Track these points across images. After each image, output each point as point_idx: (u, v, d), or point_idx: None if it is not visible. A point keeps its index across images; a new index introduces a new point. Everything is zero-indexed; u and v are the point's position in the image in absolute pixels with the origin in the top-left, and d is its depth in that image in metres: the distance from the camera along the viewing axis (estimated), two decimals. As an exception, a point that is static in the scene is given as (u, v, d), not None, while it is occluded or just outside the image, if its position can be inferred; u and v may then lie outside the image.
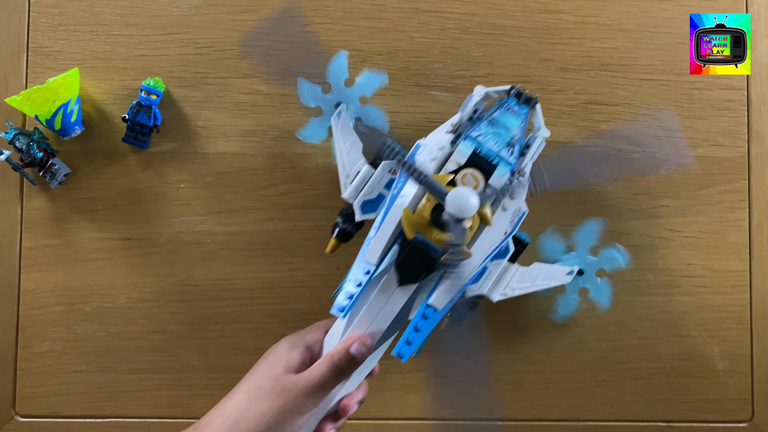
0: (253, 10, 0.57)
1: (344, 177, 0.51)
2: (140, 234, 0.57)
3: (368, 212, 0.50)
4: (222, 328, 0.57)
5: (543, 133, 0.49)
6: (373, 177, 0.50)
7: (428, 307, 0.46)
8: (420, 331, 0.46)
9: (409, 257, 0.45)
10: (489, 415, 0.57)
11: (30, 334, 0.57)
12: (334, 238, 0.52)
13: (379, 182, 0.50)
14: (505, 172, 0.46)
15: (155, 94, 0.55)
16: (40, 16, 0.57)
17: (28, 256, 0.57)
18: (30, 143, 0.54)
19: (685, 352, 0.58)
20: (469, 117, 0.49)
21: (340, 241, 0.52)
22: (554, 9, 0.58)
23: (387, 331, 0.47)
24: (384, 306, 0.47)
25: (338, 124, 0.51)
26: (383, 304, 0.47)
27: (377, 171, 0.50)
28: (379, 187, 0.50)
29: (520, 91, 0.49)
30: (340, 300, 0.47)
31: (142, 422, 0.57)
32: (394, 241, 0.46)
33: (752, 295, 0.58)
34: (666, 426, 0.58)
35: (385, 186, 0.50)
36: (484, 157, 0.46)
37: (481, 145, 0.47)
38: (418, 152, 0.48)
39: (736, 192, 0.58)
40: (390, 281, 0.46)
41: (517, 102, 0.49)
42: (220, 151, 0.57)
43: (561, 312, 0.54)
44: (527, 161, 0.48)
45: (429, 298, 0.46)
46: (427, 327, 0.46)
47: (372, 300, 0.47)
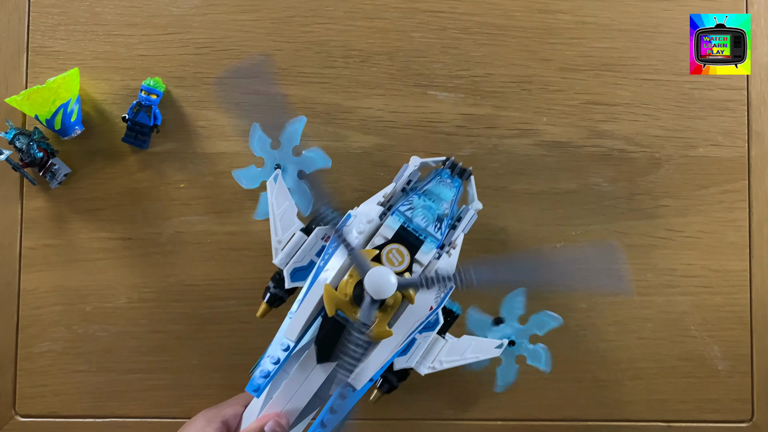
0: (253, 10, 0.57)
1: (276, 242, 0.50)
2: (140, 234, 0.57)
3: (298, 280, 0.49)
4: (222, 328, 0.57)
5: (476, 205, 0.49)
6: (305, 244, 0.49)
7: (347, 386, 0.44)
8: (337, 412, 0.45)
9: (329, 334, 0.44)
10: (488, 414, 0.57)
11: (30, 334, 0.57)
12: (265, 303, 0.51)
13: (311, 249, 0.49)
14: (432, 248, 0.46)
15: (155, 94, 0.55)
16: (40, 16, 0.57)
17: (28, 256, 0.57)
18: (30, 143, 0.54)
19: (685, 352, 0.58)
20: (402, 188, 0.49)
21: (271, 306, 0.51)
22: (554, 9, 0.58)
23: (305, 408, 0.46)
24: (303, 383, 0.45)
25: (274, 189, 0.51)
26: (302, 381, 0.45)
27: (310, 238, 0.49)
28: (311, 254, 0.49)
29: (455, 163, 0.49)
30: (255, 378, 0.45)
31: (142, 422, 0.57)
32: (316, 317, 0.45)
33: (752, 295, 0.58)
34: (666, 426, 0.58)
35: (316, 253, 0.49)
36: (412, 232, 0.46)
37: (409, 220, 0.46)
38: (348, 222, 0.47)
39: (736, 192, 0.58)
40: (310, 358, 0.45)
41: (450, 174, 0.49)
42: (220, 151, 0.57)
43: (500, 382, 0.54)
44: (458, 233, 0.48)
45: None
46: (344, 407, 0.45)
47: (291, 376, 0.45)
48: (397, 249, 0.45)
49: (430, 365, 0.49)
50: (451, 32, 0.57)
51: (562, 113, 0.57)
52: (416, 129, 0.57)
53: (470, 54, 0.57)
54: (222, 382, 0.58)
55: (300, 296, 0.45)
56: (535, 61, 0.57)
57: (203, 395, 0.57)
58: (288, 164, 0.53)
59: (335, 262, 0.45)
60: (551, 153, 0.57)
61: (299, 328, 0.44)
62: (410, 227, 0.46)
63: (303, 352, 0.45)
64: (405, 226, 0.46)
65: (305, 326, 0.45)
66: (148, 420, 0.57)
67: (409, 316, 0.45)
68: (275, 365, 0.44)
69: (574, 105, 0.57)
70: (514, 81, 0.57)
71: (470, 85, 0.57)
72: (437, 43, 0.57)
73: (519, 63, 0.58)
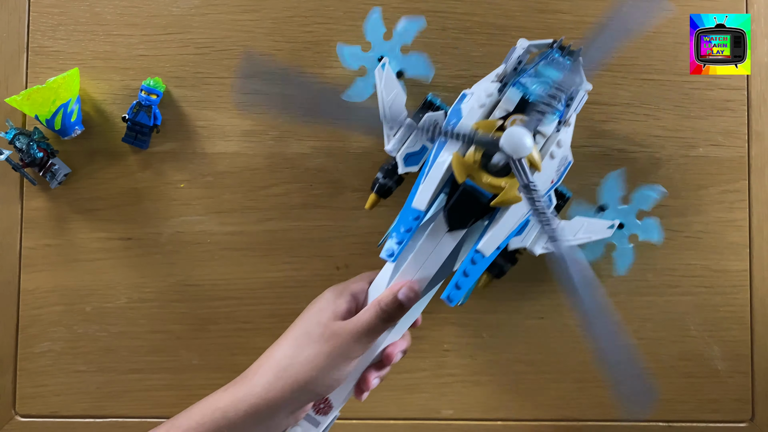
0: (253, 10, 0.57)
1: (387, 129, 0.51)
2: (140, 234, 0.57)
3: (411, 164, 0.50)
4: (222, 328, 0.57)
5: (585, 86, 0.49)
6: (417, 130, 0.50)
7: (477, 253, 0.46)
8: (469, 276, 0.46)
9: (458, 202, 0.45)
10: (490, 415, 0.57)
11: (30, 334, 0.57)
12: (374, 193, 0.53)
13: (422, 135, 0.50)
14: (554, 120, 0.46)
15: (155, 94, 0.55)
16: (40, 16, 0.57)
17: (28, 256, 0.57)
18: (30, 143, 0.54)
19: (685, 352, 0.58)
20: (514, 68, 0.49)
21: (380, 196, 0.53)
22: (554, 9, 0.58)
23: (434, 278, 0.47)
24: (432, 252, 0.46)
25: (382, 77, 0.51)
26: (431, 250, 0.46)
27: (421, 123, 0.50)
28: (423, 139, 0.50)
29: (563, 44, 0.49)
30: (390, 245, 0.46)
31: (142, 422, 0.57)
32: (443, 188, 0.46)
33: (752, 295, 0.58)
34: (666, 426, 0.58)
35: (428, 139, 0.50)
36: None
37: (529, 91, 0.46)
38: (464, 101, 0.47)
39: (736, 192, 0.58)
40: (438, 227, 0.46)
41: (561, 54, 0.48)
42: (220, 151, 0.57)
43: (621, 266, 0.55)
44: (571, 112, 0.48)
45: (477, 244, 0.46)
46: (475, 272, 0.46)
47: (420, 246, 0.46)
48: (521, 119, 0.45)
49: (544, 245, 0.50)
50: (451, 32, 0.57)
51: (562, 113, 0.57)
52: (416, 129, 0.57)
53: (470, 54, 0.57)
54: (222, 382, 0.57)
55: (425, 168, 0.46)
56: (535, 61, 0.57)
57: (203, 395, 0.57)
58: (392, 59, 0.54)
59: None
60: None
61: (428, 197, 0.45)
62: (530, 99, 0.46)
63: (430, 223, 0.46)
64: (525, 97, 0.46)
65: (433, 196, 0.46)
66: (148, 420, 0.57)
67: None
68: (407, 233, 0.46)
69: (574, 105, 0.57)
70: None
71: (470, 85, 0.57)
72: (437, 43, 0.57)
73: (519, 63, 0.57)
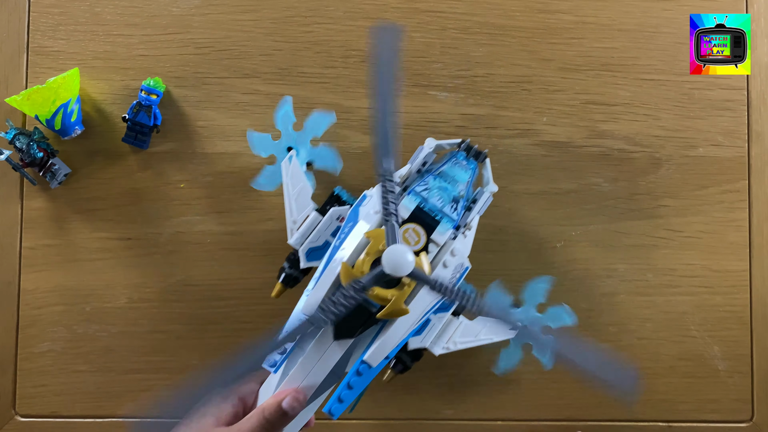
0: (253, 10, 0.57)
1: (291, 223, 0.50)
2: (140, 234, 0.57)
3: (313, 259, 0.49)
4: (222, 328, 0.57)
5: (491, 187, 0.50)
6: (320, 224, 0.49)
7: (363, 364, 0.45)
8: (353, 388, 0.45)
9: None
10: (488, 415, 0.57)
11: (30, 334, 0.57)
12: (280, 283, 0.52)
13: (326, 229, 0.49)
14: (448, 228, 0.46)
15: (155, 94, 0.55)
16: (40, 16, 0.57)
17: (28, 256, 0.57)
18: (30, 143, 0.54)
19: (685, 352, 0.58)
20: (418, 169, 0.49)
21: (286, 286, 0.52)
22: (554, 9, 0.58)
23: (322, 384, 0.46)
24: (319, 360, 0.46)
25: (288, 170, 0.51)
26: (318, 358, 0.46)
27: (325, 218, 0.49)
28: (326, 234, 0.50)
29: (470, 145, 0.49)
30: (273, 355, 0.46)
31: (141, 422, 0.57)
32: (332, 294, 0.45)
33: (752, 295, 0.58)
34: (666, 426, 0.58)
35: (331, 234, 0.49)
36: (428, 212, 0.47)
37: (425, 201, 0.47)
38: (363, 203, 0.47)
39: (736, 192, 0.58)
40: (326, 335, 0.45)
41: (466, 156, 0.49)
42: (220, 151, 0.57)
43: (502, 365, 0.53)
44: (473, 215, 0.48)
45: (364, 354, 0.45)
46: (360, 384, 0.45)
47: (307, 353, 0.46)
48: (413, 228, 0.46)
49: (445, 345, 0.49)
50: (451, 32, 0.57)
51: (562, 113, 0.57)
52: (416, 129, 0.57)
53: (470, 54, 0.57)
54: (222, 382, 0.58)
55: (316, 274, 0.46)
56: (535, 61, 0.57)
57: (203, 395, 0.57)
58: (301, 149, 0.53)
59: (351, 242, 0.45)
60: (551, 153, 0.57)
61: (316, 305, 0.45)
62: (426, 207, 0.47)
63: (319, 330, 0.46)
64: (421, 206, 0.47)
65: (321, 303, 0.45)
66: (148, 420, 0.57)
67: (424, 296, 0.45)
68: (292, 342, 0.45)
69: (574, 105, 0.57)
70: (514, 81, 0.57)
71: (470, 85, 0.57)
72: (437, 43, 0.57)
73: (519, 63, 0.58)
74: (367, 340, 0.46)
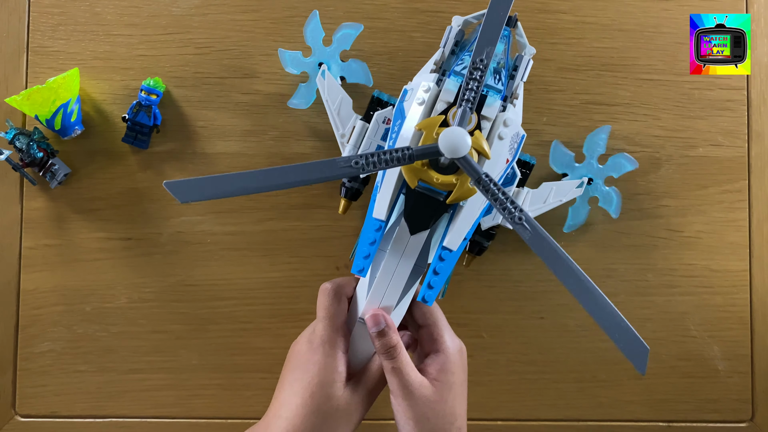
0: (253, 10, 0.57)
1: (340, 137, 0.51)
2: (140, 234, 0.57)
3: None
4: (222, 328, 0.57)
5: (529, 50, 0.49)
6: (368, 131, 0.50)
7: (444, 249, 0.46)
8: (440, 273, 0.46)
9: (415, 206, 0.45)
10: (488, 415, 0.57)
11: (30, 334, 0.57)
12: (344, 198, 0.53)
13: (375, 135, 0.50)
14: (496, 100, 0.45)
15: (155, 94, 0.55)
16: (40, 16, 0.57)
17: (28, 256, 0.57)
18: (30, 143, 0.54)
19: (685, 352, 0.58)
20: (451, 50, 0.49)
21: (350, 200, 0.53)
22: (554, 9, 0.58)
23: (408, 282, 0.47)
24: (401, 258, 0.47)
25: (324, 85, 0.52)
26: (400, 257, 0.47)
27: (371, 124, 0.50)
28: (376, 139, 0.50)
29: None
30: (358, 261, 0.47)
31: (142, 422, 0.57)
32: (399, 192, 0.46)
33: (752, 295, 0.58)
34: (666, 426, 0.58)
35: (381, 137, 0.50)
36: None
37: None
38: (405, 98, 0.47)
39: (736, 192, 0.58)
40: (402, 233, 0.46)
41: None
42: (220, 151, 0.57)
43: (570, 221, 0.55)
44: (518, 82, 0.48)
45: (443, 241, 0.46)
46: (445, 269, 0.46)
47: (388, 255, 0.47)
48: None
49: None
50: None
51: (562, 113, 0.57)
52: (416, 129, 0.57)
53: (470, 54, 0.57)
54: (222, 382, 0.58)
55: (378, 178, 0.46)
56: (535, 61, 0.57)
57: (203, 395, 0.57)
58: (332, 65, 0.54)
59: (403, 138, 0.45)
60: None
61: (386, 206, 0.46)
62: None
63: (395, 229, 0.47)
64: None
65: (391, 203, 0.46)
66: (148, 420, 0.57)
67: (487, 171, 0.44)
68: (372, 245, 0.46)
69: (574, 105, 0.57)
70: None
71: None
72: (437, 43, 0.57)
73: (519, 63, 0.57)
74: (442, 228, 0.47)
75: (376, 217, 0.46)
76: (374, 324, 0.46)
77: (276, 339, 0.57)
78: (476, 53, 0.41)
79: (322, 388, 0.45)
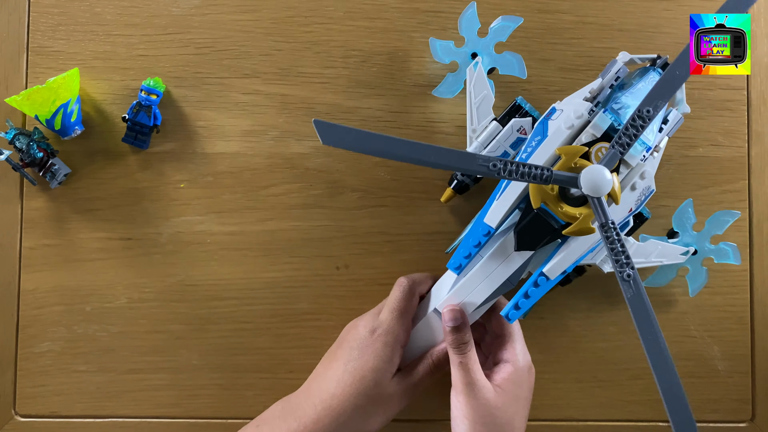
0: (253, 10, 0.57)
1: (471, 131, 0.51)
2: (140, 234, 0.57)
3: None
4: (222, 328, 0.57)
5: (683, 108, 0.48)
6: (501, 134, 0.50)
7: (541, 276, 0.46)
8: (530, 297, 0.47)
9: (530, 225, 0.45)
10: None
11: (30, 334, 0.57)
12: (451, 188, 0.53)
13: (506, 140, 0.50)
14: (642, 150, 0.45)
15: (155, 94, 0.55)
16: (40, 16, 0.57)
17: (28, 256, 0.57)
18: (30, 143, 0.54)
19: (685, 352, 0.58)
20: (610, 84, 0.48)
21: (456, 192, 0.53)
22: (554, 9, 0.58)
23: (497, 290, 0.48)
24: (496, 269, 0.47)
25: (473, 76, 0.51)
26: (495, 267, 0.47)
27: (505, 128, 0.50)
28: (505, 145, 0.50)
29: (667, 62, 0.48)
30: (457, 258, 0.47)
31: (142, 422, 0.57)
32: (516, 206, 0.46)
33: (752, 295, 0.58)
34: (666, 426, 0.58)
35: (510, 145, 0.50)
36: None
37: (619, 119, 0.46)
38: (553, 116, 0.47)
39: (736, 192, 0.58)
40: (507, 245, 0.47)
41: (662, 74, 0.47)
42: (220, 151, 0.57)
43: (693, 286, 0.55)
44: (663, 136, 0.47)
45: (543, 267, 0.46)
46: (537, 294, 0.47)
47: (486, 260, 0.47)
48: (606, 147, 0.45)
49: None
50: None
51: (562, 113, 0.57)
52: (416, 129, 0.57)
53: (470, 54, 0.57)
54: (222, 382, 0.58)
55: (501, 185, 0.46)
56: (535, 61, 0.57)
57: (203, 395, 0.57)
58: (485, 56, 0.54)
59: (540, 156, 0.45)
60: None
61: (501, 215, 0.46)
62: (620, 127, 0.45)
63: (499, 239, 0.47)
64: (615, 125, 0.45)
65: (506, 214, 0.46)
66: (148, 420, 0.57)
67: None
68: (475, 247, 0.47)
69: (574, 105, 0.57)
70: (514, 81, 0.57)
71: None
72: (437, 43, 0.57)
73: (519, 63, 0.57)
74: (545, 254, 0.47)
75: (487, 222, 0.46)
76: (452, 318, 0.48)
77: (276, 339, 0.57)
78: (645, 102, 0.41)
79: (374, 373, 0.47)
